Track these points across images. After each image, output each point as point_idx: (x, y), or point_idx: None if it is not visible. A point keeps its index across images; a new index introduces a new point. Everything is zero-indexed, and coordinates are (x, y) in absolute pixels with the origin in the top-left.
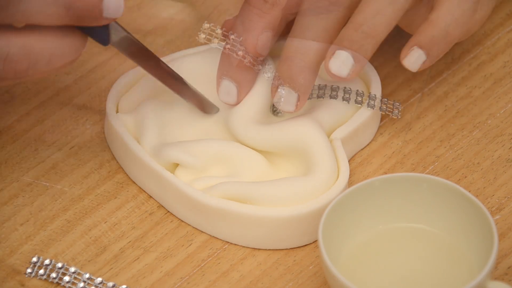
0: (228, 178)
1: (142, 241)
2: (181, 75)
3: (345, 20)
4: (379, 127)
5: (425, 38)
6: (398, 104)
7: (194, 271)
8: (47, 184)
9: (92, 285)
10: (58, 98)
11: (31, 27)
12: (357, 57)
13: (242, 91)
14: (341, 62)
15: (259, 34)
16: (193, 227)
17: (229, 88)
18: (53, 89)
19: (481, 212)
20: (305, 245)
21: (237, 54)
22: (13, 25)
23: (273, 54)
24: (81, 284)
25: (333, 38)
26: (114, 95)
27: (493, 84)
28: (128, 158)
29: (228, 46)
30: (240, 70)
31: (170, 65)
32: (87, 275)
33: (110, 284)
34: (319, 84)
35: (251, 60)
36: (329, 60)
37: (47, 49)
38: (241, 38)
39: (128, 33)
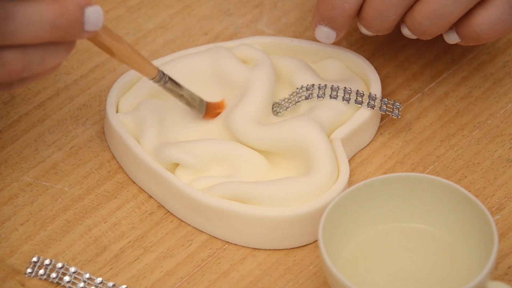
0: (228, 178)
1: (142, 241)
2: (181, 75)
3: None
4: (379, 127)
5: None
6: (398, 104)
7: (194, 271)
8: (47, 184)
9: (92, 285)
10: (58, 98)
11: None
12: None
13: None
14: (325, 34)
15: None
16: (193, 227)
17: (328, 33)
18: (53, 89)
19: (481, 212)
20: (305, 245)
21: None
22: None
23: None
24: (81, 284)
25: None
26: (114, 95)
27: (493, 84)
28: (128, 158)
29: None
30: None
31: (170, 65)
32: (87, 275)
33: (110, 284)
34: (319, 84)
35: None
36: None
37: (39, 47)
38: None
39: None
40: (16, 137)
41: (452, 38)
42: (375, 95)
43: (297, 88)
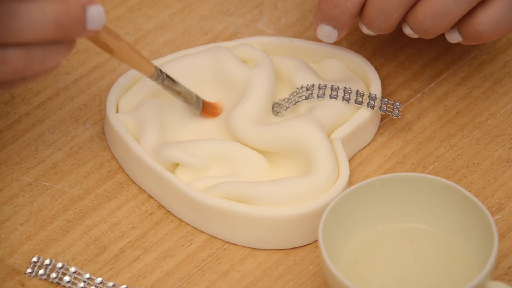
0: (228, 178)
1: (142, 241)
2: (181, 75)
3: None
4: (379, 127)
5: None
6: (398, 104)
7: (194, 271)
8: (47, 184)
9: (92, 285)
10: (58, 98)
11: None
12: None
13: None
14: (327, 33)
15: None
16: (193, 227)
17: (330, 32)
18: (53, 89)
19: (481, 212)
20: (305, 245)
21: None
22: None
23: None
24: (81, 284)
25: None
26: (114, 95)
27: (493, 84)
28: (128, 158)
29: None
30: (339, 16)
31: (170, 65)
32: (87, 275)
33: (110, 284)
34: (319, 84)
35: None
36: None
37: (42, 46)
38: None
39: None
40: (16, 137)
41: (454, 37)
42: (375, 95)
43: (297, 88)
